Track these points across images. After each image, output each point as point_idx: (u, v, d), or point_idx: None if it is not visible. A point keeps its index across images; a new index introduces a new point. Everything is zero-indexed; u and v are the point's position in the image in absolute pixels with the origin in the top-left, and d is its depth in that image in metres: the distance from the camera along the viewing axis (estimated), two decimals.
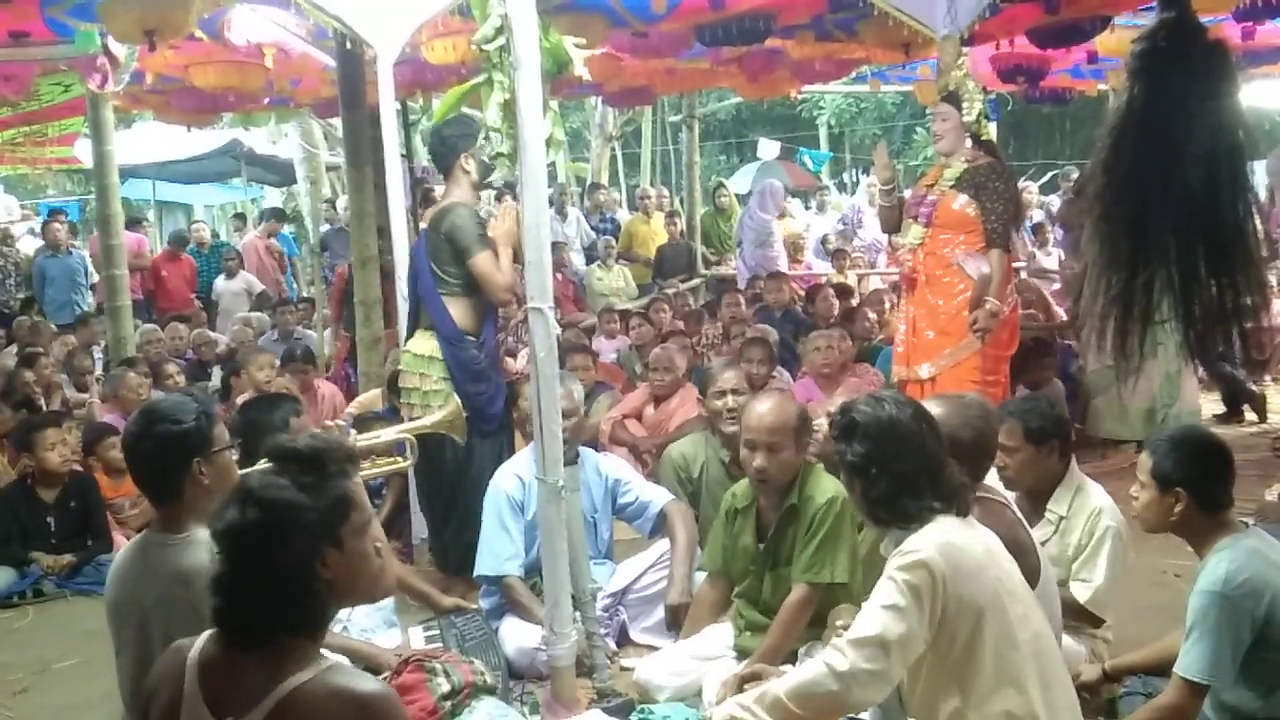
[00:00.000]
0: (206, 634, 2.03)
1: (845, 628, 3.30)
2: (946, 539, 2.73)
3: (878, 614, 2.72)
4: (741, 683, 3.41)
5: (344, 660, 2.02)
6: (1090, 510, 3.86)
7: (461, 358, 4.96)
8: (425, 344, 5.02)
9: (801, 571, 3.80)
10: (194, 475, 2.80)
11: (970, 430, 3.25)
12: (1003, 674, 2.67)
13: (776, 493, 3.96)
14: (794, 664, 3.63)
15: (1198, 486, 3.07)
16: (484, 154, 4.89)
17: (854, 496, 2.96)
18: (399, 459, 3.98)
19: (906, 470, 2.81)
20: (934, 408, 3.40)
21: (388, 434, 4.03)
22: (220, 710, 1.94)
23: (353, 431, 3.15)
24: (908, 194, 6.04)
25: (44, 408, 7.24)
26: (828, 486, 3.87)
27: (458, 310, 4.98)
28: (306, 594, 1.95)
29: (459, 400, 4.57)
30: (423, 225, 5.19)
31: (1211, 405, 7.99)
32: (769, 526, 3.99)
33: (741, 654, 3.91)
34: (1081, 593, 3.76)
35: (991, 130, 5.91)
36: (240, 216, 16.68)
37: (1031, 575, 3.17)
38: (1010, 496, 3.59)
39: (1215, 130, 2.36)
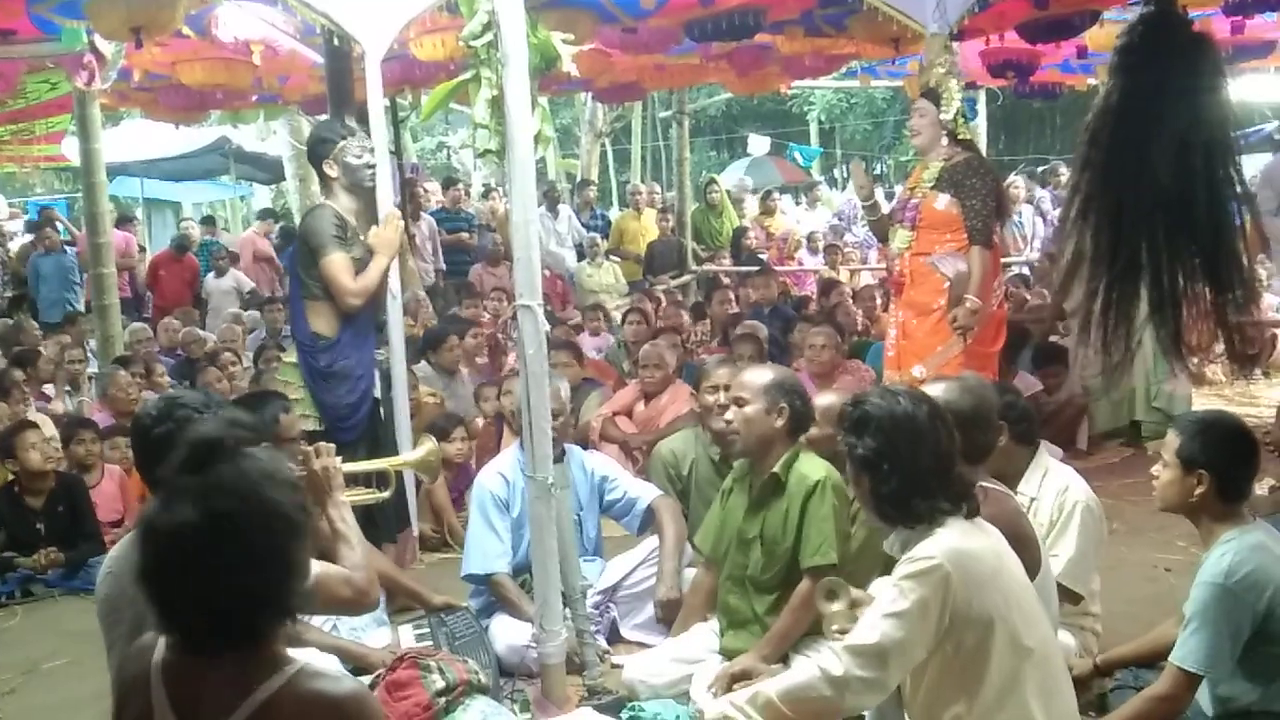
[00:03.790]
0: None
1: (844, 606, 3.29)
2: (958, 546, 2.67)
3: (879, 622, 2.68)
4: (731, 681, 3.40)
5: (312, 661, 1.97)
6: (1058, 488, 3.86)
7: (312, 364, 4.87)
8: (292, 352, 5.03)
9: (810, 555, 3.73)
10: None
11: (971, 399, 3.25)
12: (1007, 683, 2.64)
13: (756, 461, 3.93)
14: (784, 664, 3.64)
15: (1221, 471, 3.06)
16: (346, 155, 4.85)
17: (860, 491, 2.88)
18: (376, 490, 3.99)
19: (919, 469, 2.73)
20: (932, 388, 3.40)
21: (368, 465, 4.06)
22: (190, 718, 1.89)
23: (339, 459, 3.13)
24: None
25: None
26: (818, 466, 3.83)
27: (315, 315, 4.87)
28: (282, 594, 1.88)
29: (434, 442, 4.52)
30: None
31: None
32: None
33: (726, 655, 3.87)
34: (1054, 567, 3.75)
35: (971, 129, 5.90)
36: (209, 220, 16.31)
37: (1032, 568, 3.17)
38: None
39: (1197, 124, 2.35)
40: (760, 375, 3.96)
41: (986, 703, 2.64)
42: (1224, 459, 3.08)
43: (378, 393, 5.12)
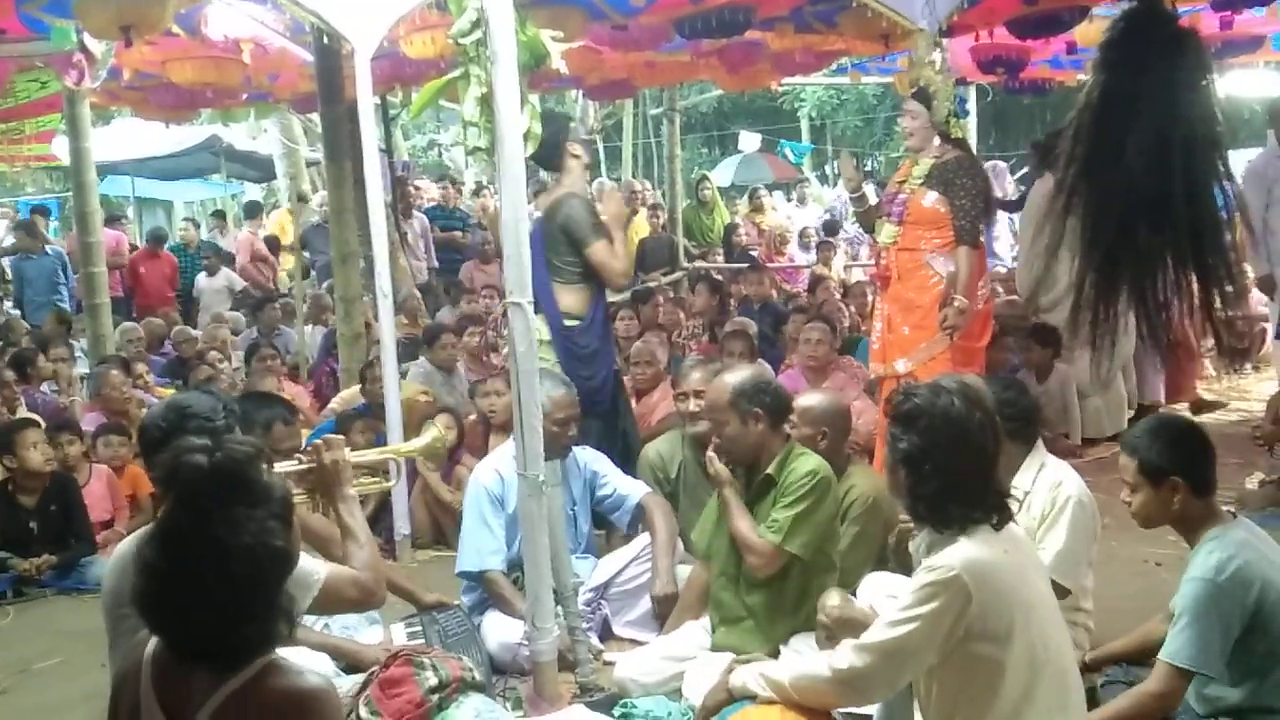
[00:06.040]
0: None
1: (835, 608, 3.32)
2: (978, 557, 2.61)
3: (890, 625, 2.68)
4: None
5: (287, 658, 2.02)
6: (1052, 482, 3.85)
7: (571, 348, 5.15)
8: (545, 329, 5.15)
9: (767, 529, 3.78)
10: None
11: None
12: (1022, 697, 2.61)
13: (748, 465, 3.96)
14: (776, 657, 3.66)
15: (1189, 471, 3.06)
16: (580, 134, 4.96)
17: (895, 483, 2.81)
18: (383, 479, 3.98)
19: (961, 474, 2.66)
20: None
21: (373, 454, 4.05)
22: (173, 711, 1.96)
23: (347, 450, 3.13)
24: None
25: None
26: (812, 462, 3.87)
27: (568, 297, 5.18)
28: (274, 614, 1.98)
29: (440, 428, 4.52)
30: (536, 214, 5.34)
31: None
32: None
33: (717, 652, 3.89)
34: (1043, 560, 3.75)
35: (963, 127, 5.90)
36: (219, 214, 16.55)
37: None
38: None
39: (1177, 119, 2.35)
40: (721, 393, 3.95)
41: (1001, 714, 2.61)
42: (1188, 458, 3.09)
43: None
